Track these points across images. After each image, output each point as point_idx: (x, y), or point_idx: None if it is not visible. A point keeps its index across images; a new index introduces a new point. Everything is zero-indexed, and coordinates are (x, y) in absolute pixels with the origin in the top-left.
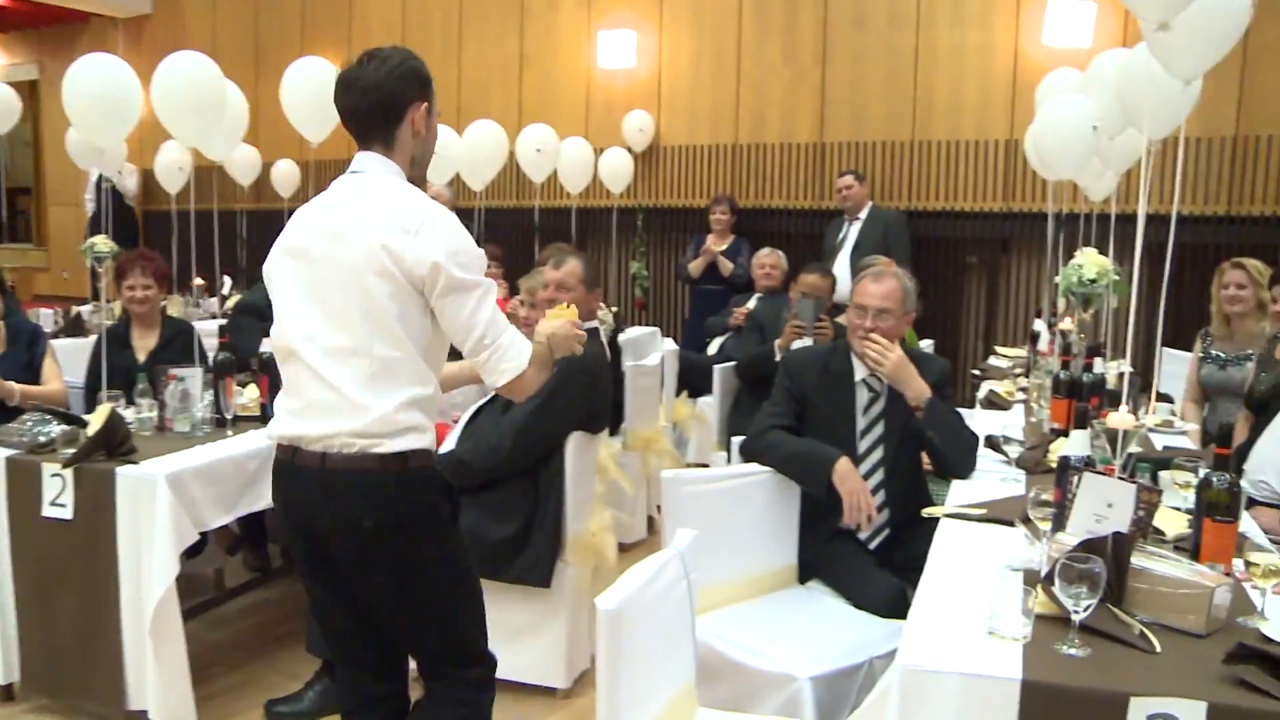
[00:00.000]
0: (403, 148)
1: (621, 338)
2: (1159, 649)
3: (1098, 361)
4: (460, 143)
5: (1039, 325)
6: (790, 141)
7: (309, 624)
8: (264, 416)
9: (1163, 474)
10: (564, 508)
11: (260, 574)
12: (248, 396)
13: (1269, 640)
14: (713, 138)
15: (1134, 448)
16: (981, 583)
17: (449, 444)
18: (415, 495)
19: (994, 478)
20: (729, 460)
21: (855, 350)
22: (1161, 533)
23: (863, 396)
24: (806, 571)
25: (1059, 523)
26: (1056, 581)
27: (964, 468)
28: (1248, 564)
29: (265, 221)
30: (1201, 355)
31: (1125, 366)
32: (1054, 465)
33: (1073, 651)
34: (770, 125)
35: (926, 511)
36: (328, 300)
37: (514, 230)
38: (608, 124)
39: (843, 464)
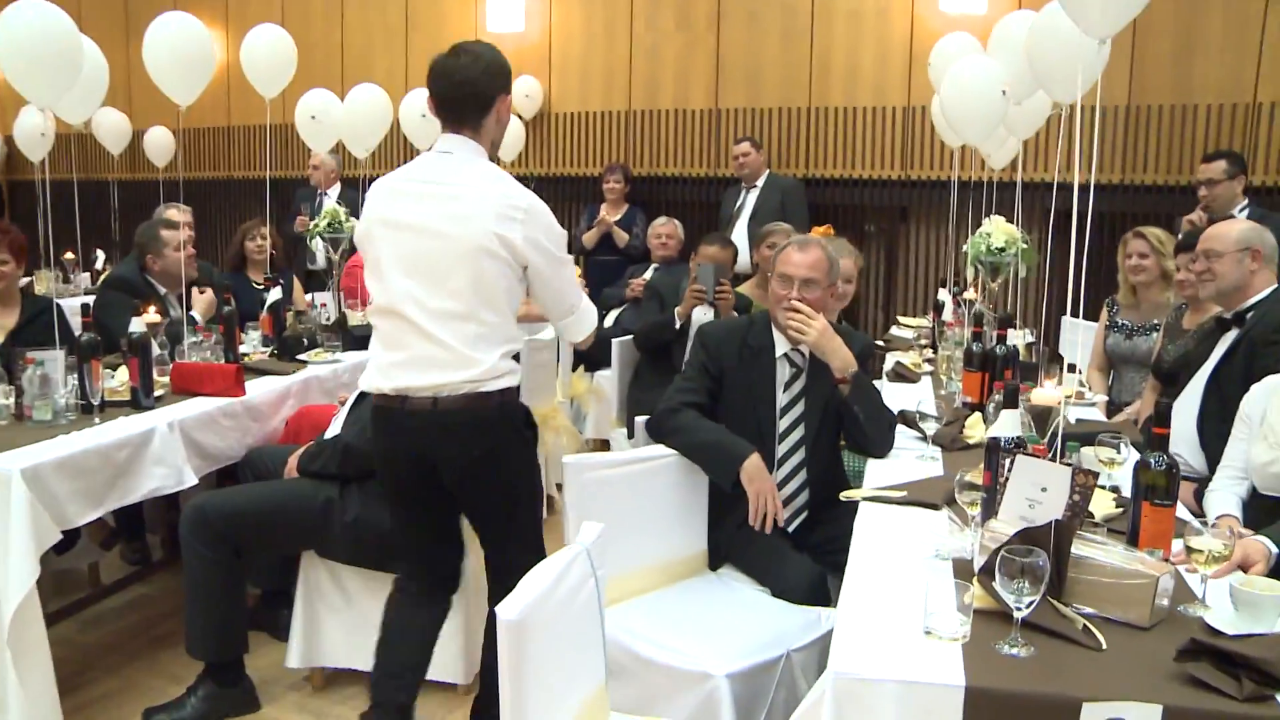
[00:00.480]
0: (487, 133)
1: None
2: (1105, 645)
3: (1010, 333)
4: (342, 108)
5: (943, 295)
6: (685, 108)
7: (191, 624)
8: (135, 402)
9: (1084, 450)
10: None
11: (140, 567)
12: (118, 380)
13: (1217, 633)
14: (605, 104)
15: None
16: (910, 574)
17: (335, 427)
18: (512, 424)
19: (910, 455)
20: (630, 435)
21: (778, 322)
22: (1090, 514)
23: (784, 372)
24: (718, 557)
25: (989, 508)
26: (997, 576)
27: (884, 445)
28: (1189, 549)
29: (139, 192)
30: (1108, 324)
31: (1028, 336)
32: (970, 441)
33: (1016, 651)
34: (664, 91)
35: (845, 495)
36: (437, 270)
37: None
38: None
39: (752, 462)
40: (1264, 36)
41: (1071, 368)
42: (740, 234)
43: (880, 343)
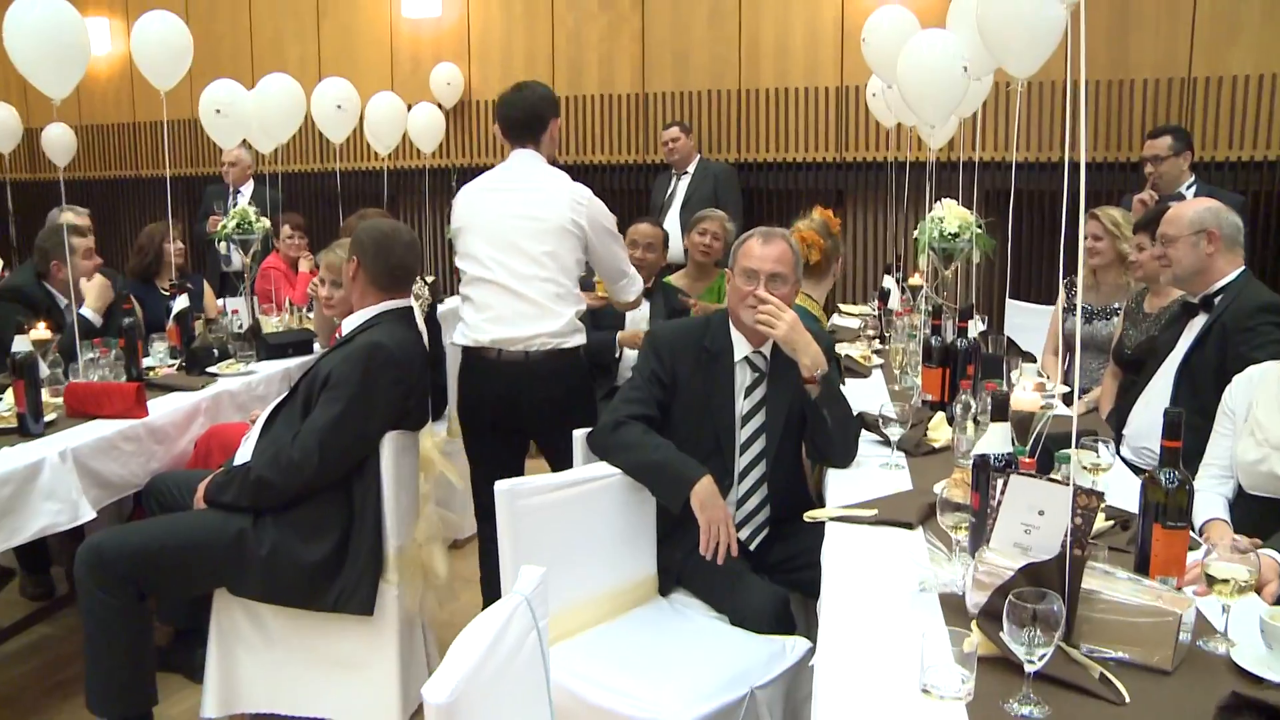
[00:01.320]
0: (544, 146)
1: (441, 309)
2: (1127, 698)
3: (971, 324)
4: (250, 100)
5: (888, 281)
6: (611, 92)
7: (92, 678)
8: (23, 429)
9: (1064, 453)
10: (383, 521)
11: (42, 604)
12: (5, 404)
13: (1251, 677)
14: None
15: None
16: (893, 611)
17: (245, 451)
18: (582, 374)
19: (873, 463)
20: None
21: (741, 320)
22: None
23: (744, 377)
24: (669, 580)
25: (979, 534)
26: (1005, 625)
27: (849, 454)
28: (1210, 580)
29: (38, 193)
30: (1065, 306)
31: (980, 324)
32: (935, 445)
33: (1029, 711)
34: (589, 75)
35: (809, 516)
36: (524, 244)
37: (315, 197)
38: (414, 79)
39: (703, 486)
40: (1196, 10)
41: (1030, 358)
42: (672, 222)
43: None
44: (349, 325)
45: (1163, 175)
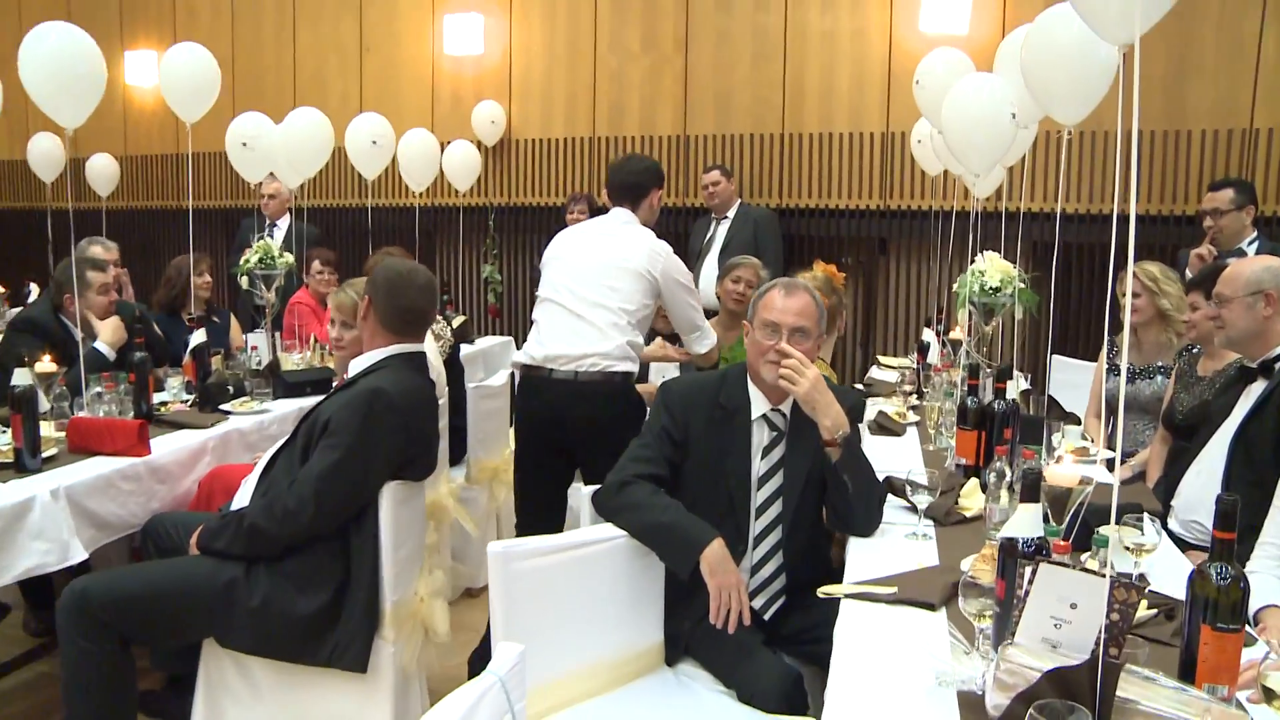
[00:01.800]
0: (642, 211)
1: (470, 350)
2: None
3: (1010, 384)
4: (278, 134)
5: (928, 335)
6: (652, 134)
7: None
8: (19, 464)
9: (1103, 531)
10: (380, 574)
11: (43, 640)
12: (7, 438)
13: None
14: (569, 130)
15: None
16: (904, 706)
17: (242, 495)
18: (630, 399)
19: (898, 531)
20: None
21: (760, 376)
22: None
23: (761, 436)
24: (676, 650)
25: (1003, 626)
26: None
27: (871, 522)
28: (1268, 693)
29: (80, 223)
30: (1107, 366)
31: (1023, 382)
32: (967, 514)
33: None
34: (630, 116)
35: (823, 591)
36: (593, 275)
37: (350, 232)
38: (456, 115)
39: (714, 550)
40: (1259, 59)
41: (1074, 419)
42: (710, 267)
43: (860, 386)
44: (355, 368)
45: (1223, 230)
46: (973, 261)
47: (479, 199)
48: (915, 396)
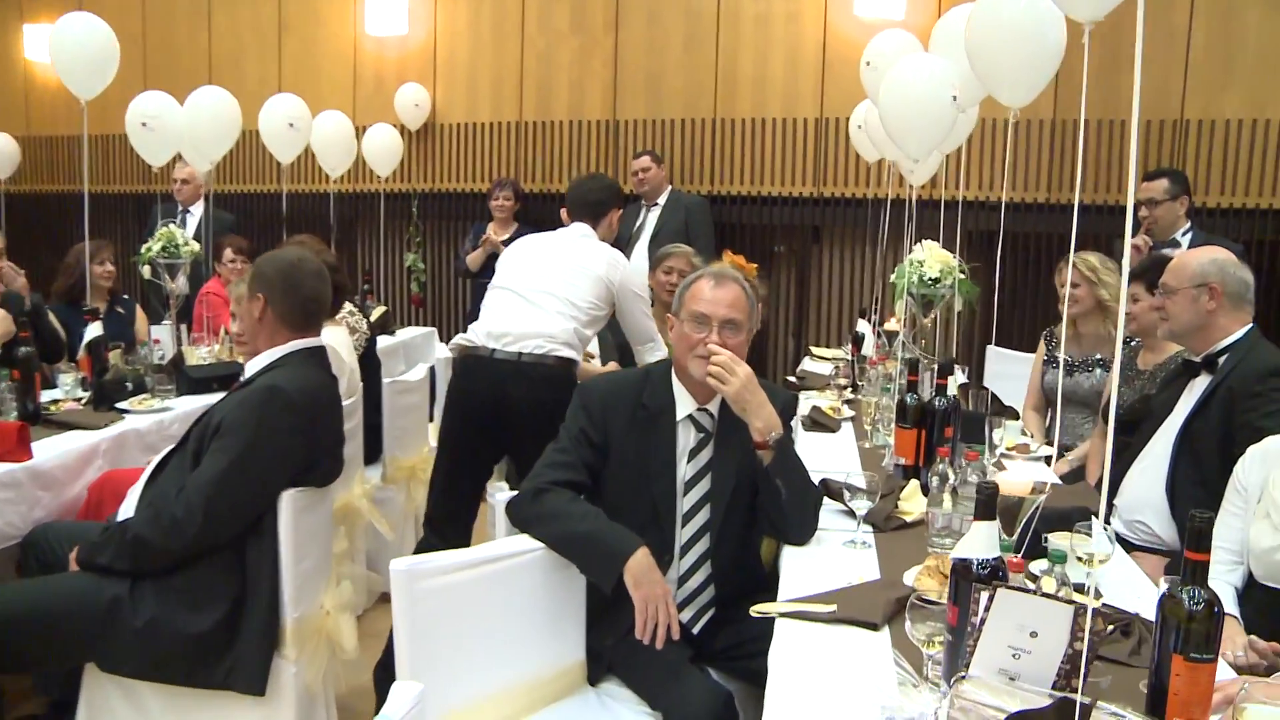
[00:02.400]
0: (599, 229)
1: (391, 342)
2: None
3: (951, 379)
4: (182, 114)
5: (863, 326)
6: (580, 118)
7: None
8: None
9: (1053, 539)
10: (280, 589)
11: None
12: None
13: None
14: (495, 114)
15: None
16: None
17: (128, 505)
18: (571, 384)
19: (835, 539)
20: (513, 488)
21: (687, 372)
22: None
23: (687, 438)
24: (599, 667)
25: (956, 656)
26: None
27: (807, 529)
28: None
29: None
30: (1045, 358)
31: (960, 375)
32: (908, 519)
33: None
34: (558, 100)
35: (756, 610)
36: (549, 270)
37: (268, 219)
38: (378, 98)
39: (638, 560)
40: (1189, 51)
41: (1012, 413)
42: (639, 256)
43: (793, 378)
44: (253, 367)
45: (1158, 220)
46: (910, 251)
47: (402, 184)
48: (850, 390)
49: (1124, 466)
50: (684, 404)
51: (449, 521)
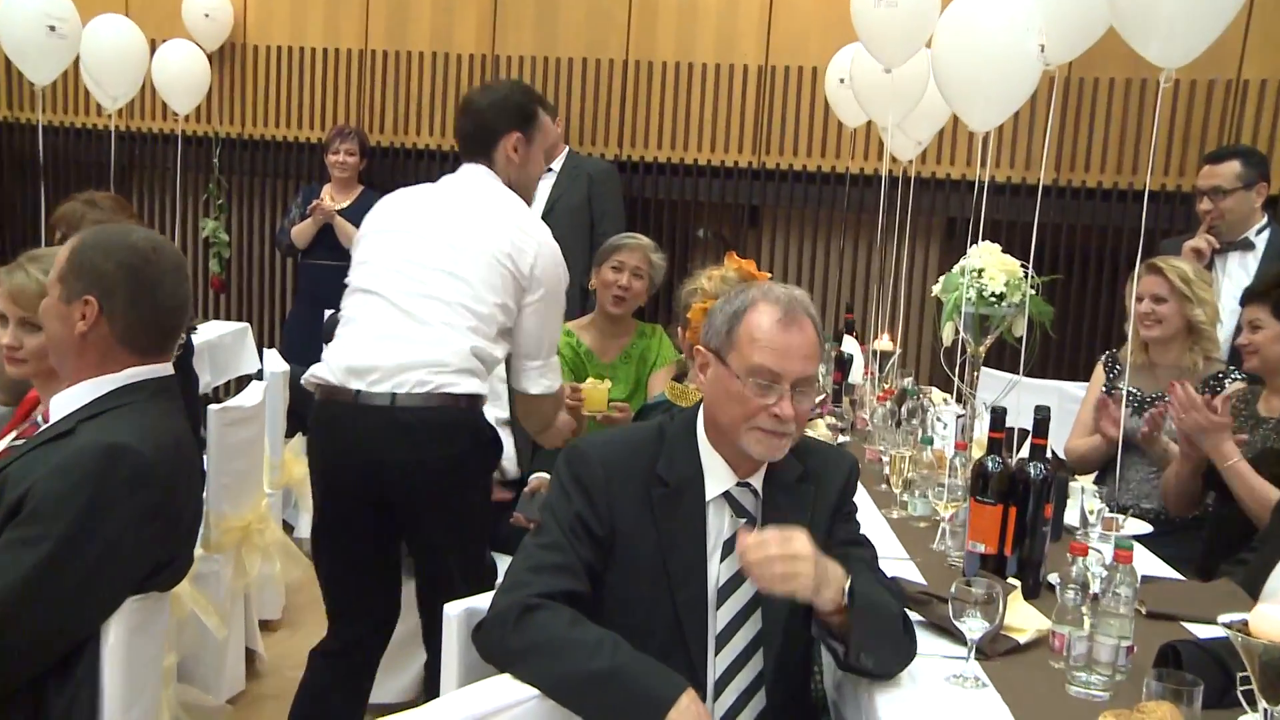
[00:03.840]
0: (502, 167)
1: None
2: None
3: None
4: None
5: (849, 345)
6: (447, 51)
7: None
8: None
9: None
10: None
11: None
12: None
13: None
14: (330, 39)
15: (1121, 609)
16: None
17: None
18: (477, 431)
19: (929, 670)
20: None
21: (739, 443)
22: None
23: (721, 525)
24: None
25: None
26: None
27: (902, 661)
28: None
29: None
30: (1105, 388)
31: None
32: (1021, 639)
33: None
34: (418, 26)
35: None
36: (434, 263)
37: (13, 162)
38: (162, 2)
39: (685, 710)
40: (1252, 8)
41: (1063, 466)
42: None
43: None
44: (66, 405)
45: (1227, 214)
46: (895, 241)
47: (198, 126)
48: (845, 433)
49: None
50: (717, 477)
51: (346, 620)
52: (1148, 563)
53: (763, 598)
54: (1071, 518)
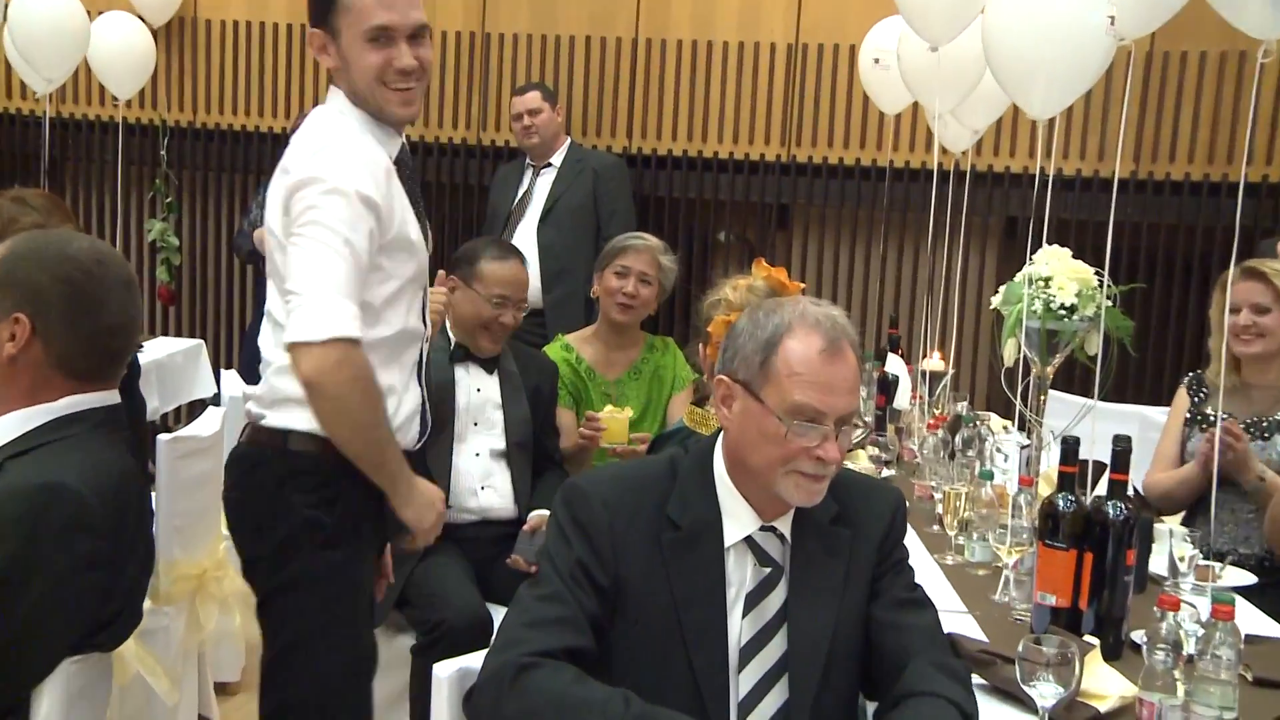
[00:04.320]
0: (335, 65)
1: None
2: None
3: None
4: None
5: (895, 365)
6: (432, 27)
7: None
8: None
9: None
10: None
11: None
12: None
13: None
14: (295, 13)
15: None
16: None
17: None
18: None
19: None
20: None
21: (773, 488)
22: None
23: (743, 574)
24: None
25: None
26: None
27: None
28: None
29: None
30: (1189, 415)
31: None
32: (1101, 709)
33: None
34: None
35: None
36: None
37: None
38: None
39: None
40: None
41: (1147, 507)
42: (527, 238)
43: None
44: None
45: None
46: (946, 244)
47: (142, 113)
48: (887, 463)
49: None
50: (737, 520)
51: None
52: (1252, 618)
53: (792, 659)
54: (1158, 565)
